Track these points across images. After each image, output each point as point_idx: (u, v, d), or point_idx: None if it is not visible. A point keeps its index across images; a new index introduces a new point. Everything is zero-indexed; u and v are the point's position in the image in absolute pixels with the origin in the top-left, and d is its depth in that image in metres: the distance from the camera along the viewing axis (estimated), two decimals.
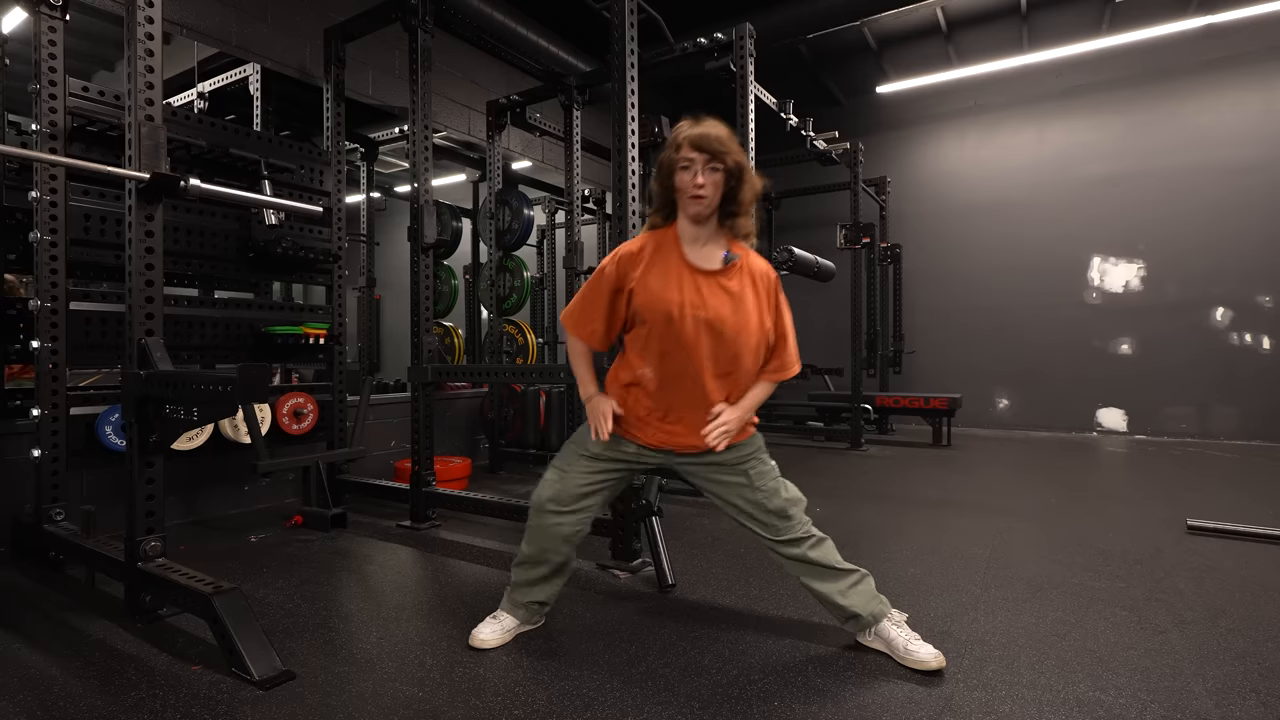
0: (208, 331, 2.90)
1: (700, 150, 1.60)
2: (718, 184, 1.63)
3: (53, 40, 2.37)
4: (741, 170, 1.64)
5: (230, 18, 3.41)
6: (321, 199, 3.30)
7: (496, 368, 3.79)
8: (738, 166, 1.63)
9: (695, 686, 1.57)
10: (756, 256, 1.76)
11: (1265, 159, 5.63)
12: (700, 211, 1.64)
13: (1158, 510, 3.27)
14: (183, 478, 3.12)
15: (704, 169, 1.61)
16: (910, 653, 1.65)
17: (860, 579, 1.75)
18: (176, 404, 1.86)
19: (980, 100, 6.80)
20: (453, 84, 4.66)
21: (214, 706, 1.49)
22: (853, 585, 1.74)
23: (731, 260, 1.69)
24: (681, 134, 1.63)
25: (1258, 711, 1.45)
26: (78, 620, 1.97)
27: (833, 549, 1.77)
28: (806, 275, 4.31)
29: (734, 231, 1.71)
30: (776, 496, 1.74)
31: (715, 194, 1.64)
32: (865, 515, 3.25)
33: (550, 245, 6.09)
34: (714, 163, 1.61)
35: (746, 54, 3.43)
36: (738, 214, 1.68)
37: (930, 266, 7.01)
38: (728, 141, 1.62)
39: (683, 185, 1.63)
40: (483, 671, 1.65)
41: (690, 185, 1.62)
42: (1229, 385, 5.76)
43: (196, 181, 1.91)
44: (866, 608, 1.72)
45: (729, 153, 1.61)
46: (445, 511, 3.14)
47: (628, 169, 2.49)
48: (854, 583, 1.74)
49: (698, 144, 1.60)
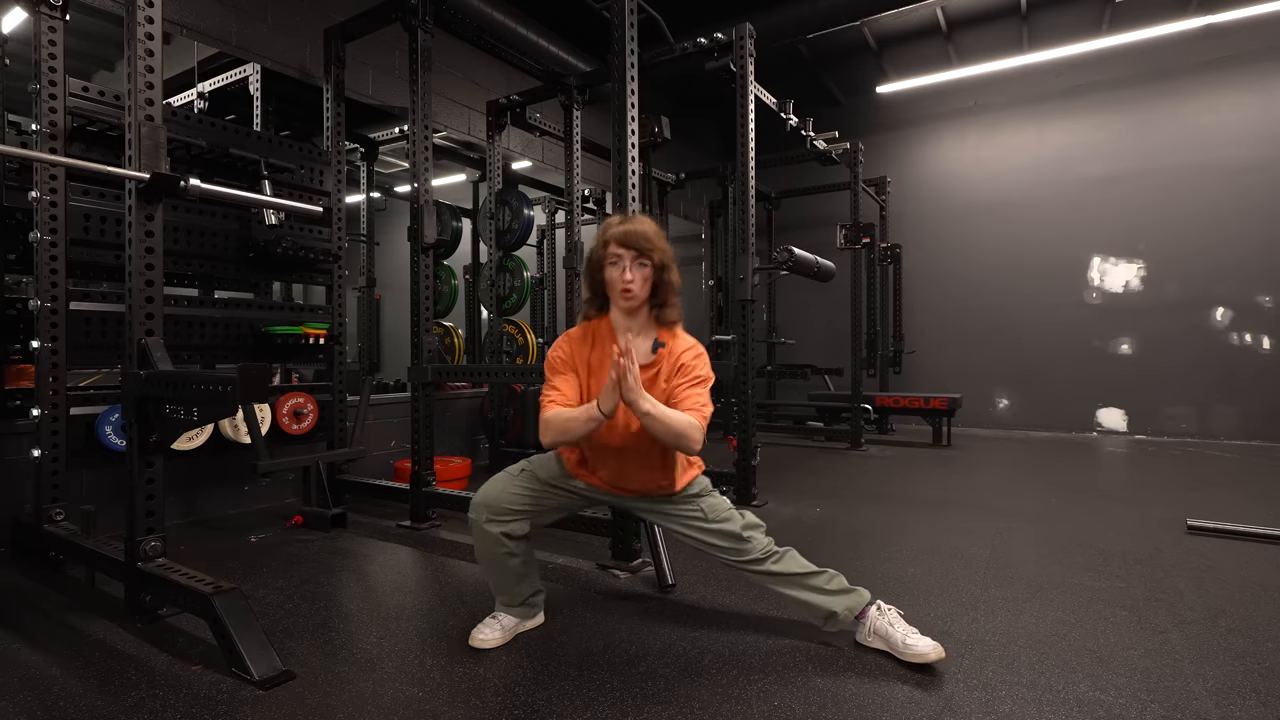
0: (208, 331, 2.90)
1: (627, 247, 1.71)
2: (646, 278, 1.74)
3: (53, 40, 2.37)
4: (666, 266, 1.75)
5: (230, 18, 3.41)
6: (321, 199, 3.30)
7: (496, 368, 3.79)
8: (663, 262, 1.75)
9: (695, 686, 1.57)
10: (682, 339, 1.83)
11: (1265, 159, 5.63)
12: (630, 305, 1.76)
13: (1158, 510, 3.27)
14: (183, 478, 3.12)
15: (632, 264, 1.72)
16: (909, 646, 1.66)
17: (830, 578, 1.80)
18: (176, 404, 1.85)
19: (980, 100, 6.80)
20: (453, 84, 4.66)
21: (214, 706, 1.49)
22: (822, 585, 1.78)
23: (659, 348, 1.79)
24: (610, 231, 1.75)
25: (1258, 711, 1.45)
26: (78, 620, 1.97)
27: (796, 558, 1.82)
28: (806, 275, 4.32)
29: (661, 320, 1.81)
30: (731, 524, 1.81)
31: (644, 288, 1.74)
32: (865, 515, 3.25)
33: (550, 245, 6.09)
34: (641, 259, 1.72)
35: (746, 54, 3.43)
36: (665, 304, 1.79)
37: (930, 266, 7.01)
38: (654, 238, 1.74)
39: (612, 280, 1.74)
40: (483, 671, 1.65)
41: (619, 280, 1.72)
42: (1229, 385, 5.76)
43: (196, 181, 1.91)
44: (840, 604, 1.76)
45: (655, 249, 1.73)
46: (445, 511, 3.14)
47: (628, 169, 2.49)
48: (823, 583, 1.78)
49: (624, 241, 1.71)
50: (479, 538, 1.83)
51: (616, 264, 1.72)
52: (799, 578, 1.78)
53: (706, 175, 6.60)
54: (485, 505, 1.80)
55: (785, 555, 1.81)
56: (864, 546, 2.72)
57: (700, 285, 7.22)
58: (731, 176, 6.07)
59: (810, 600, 1.77)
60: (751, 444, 3.44)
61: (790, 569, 1.79)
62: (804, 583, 1.78)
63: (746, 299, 3.46)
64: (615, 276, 1.73)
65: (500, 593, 1.86)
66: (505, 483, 1.84)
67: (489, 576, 1.88)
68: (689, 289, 7.43)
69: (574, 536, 2.68)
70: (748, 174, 3.46)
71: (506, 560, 1.83)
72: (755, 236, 3.51)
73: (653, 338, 1.80)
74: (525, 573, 1.87)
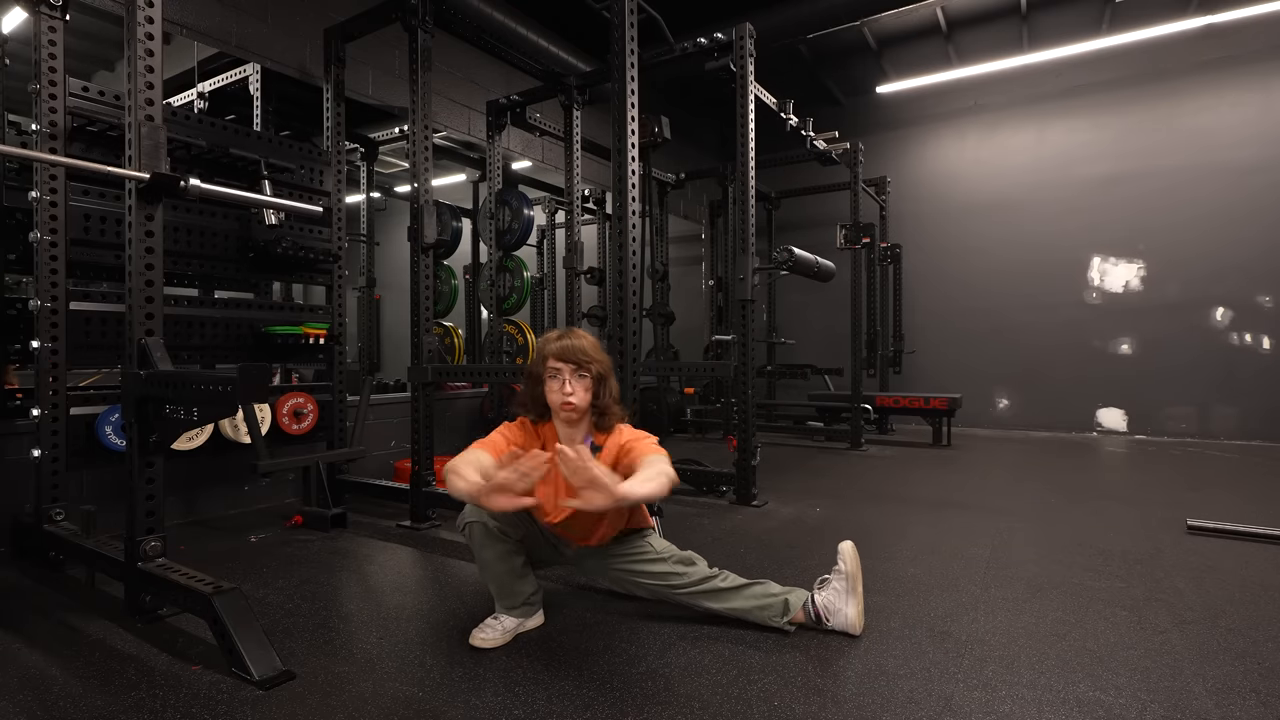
0: (208, 331, 2.90)
1: (566, 361, 1.78)
2: (586, 388, 1.81)
3: (53, 40, 2.37)
4: (604, 377, 1.83)
5: (230, 18, 3.41)
6: (321, 199, 3.30)
7: (496, 368, 3.79)
8: (601, 374, 1.82)
9: (695, 686, 1.57)
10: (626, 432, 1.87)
11: (1265, 159, 5.63)
12: (571, 416, 1.81)
13: (1158, 510, 3.27)
14: (183, 478, 3.12)
15: (571, 377, 1.79)
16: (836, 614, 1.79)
17: (758, 584, 1.89)
18: (176, 404, 1.85)
19: (980, 100, 6.80)
20: (453, 84, 4.66)
21: (214, 706, 1.49)
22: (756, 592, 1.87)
23: (597, 450, 1.83)
24: (549, 346, 1.82)
25: (1258, 711, 1.45)
26: (78, 620, 1.97)
27: (731, 577, 1.90)
28: (806, 275, 4.32)
29: (601, 427, 1.86)
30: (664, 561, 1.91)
31: (584, 398, 1.81)
32: (865, 515, 3.25)
33: (550, 245, 6.10)
34: (580, 371, 1.79)
35: (746, 54, 3.43)
36: (605, 412, 1.84)
37: (930, 266, 7.01)
38: (591, 351, 1.81)
39: (551, 393, 1.81)
40: (483, 671, 1.65)
41: (559, 394, 1.79)
42: (1229, 385, 5.76)
43: (196, 181, 1.91)
44: (779, 599, 1.84)
45: (593, 361, 1.80)
46: (445, 511, 3.13)
47: (628, 169, 2.49)
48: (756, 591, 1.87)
49: (563, 356, 1.79)
50: (479, 538, 1.83)
51: (556, 377, 1.79)
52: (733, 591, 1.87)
53: (706, 175, 6.60)
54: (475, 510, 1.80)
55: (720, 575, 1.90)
56: (864, 546, 2.70)
57: (700, 285, 7.22)
58: (731, 176, 6.07)
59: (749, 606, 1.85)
60: (751, 444, 3.44)
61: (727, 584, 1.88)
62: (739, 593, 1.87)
63: (746, 299, 3.46)
64: (555, 389, 1.79)
65: (501, 596, 1.86)
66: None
67: (490, 580, 1.87)
68: (689, 289, 7.47)
69: None
70: (748, 174, 3.47)
71: (509, 558, 1.84)
72: (755, 236, 3.51)
73: (589, 440, 1.84)
74: (525, 571, 1.88)
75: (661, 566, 1.90)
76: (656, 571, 1.90)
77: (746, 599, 1.86)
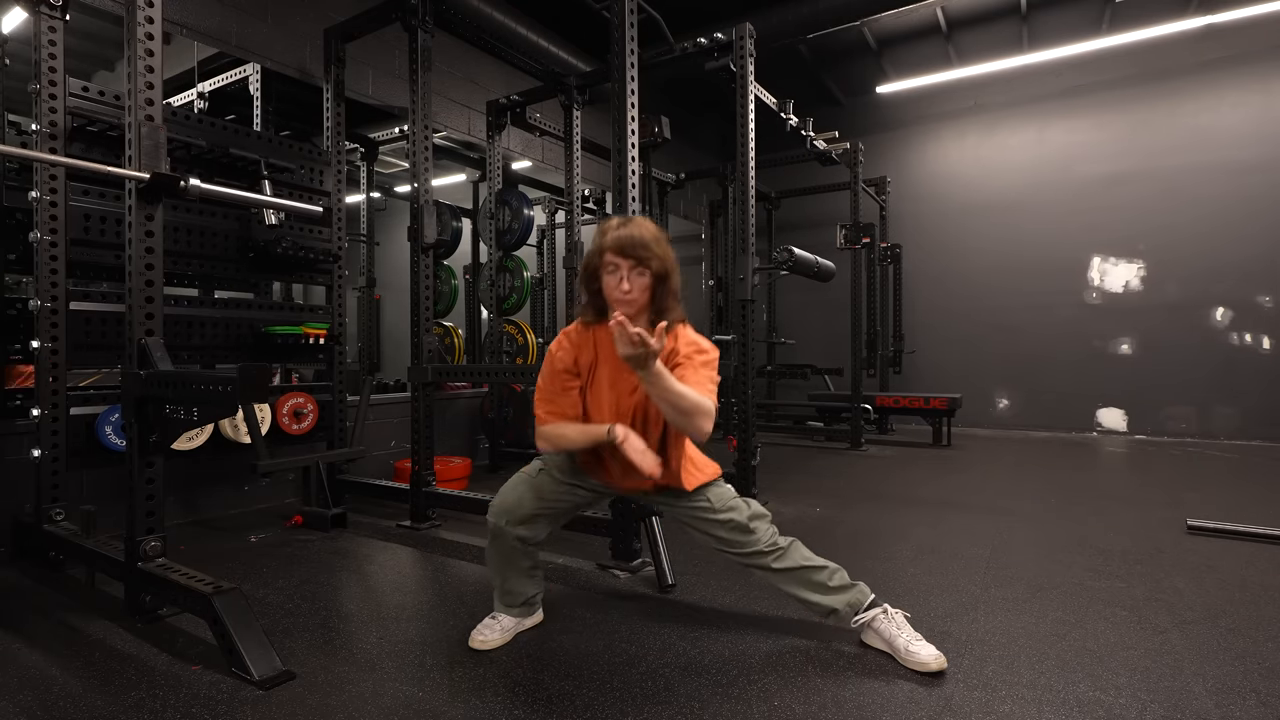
0: (208, 331, 2.90)
1: (624, 256, 1.62)
2: (645, 286, 1.66)
3: (53, 40, 2.37)
4: (666, 273, 1.66)
5: (230, 18, 3.41)
6: (321, 199, 3.30)
7: (496, 368, 3.79)
8: (662, 270, 1.66)
9: (695, 686, 1.57)
10: (684, 335, 1.74)
11: (1265, 159, 5.63)
12: (628, 313, 1.63)
13: (1158, 510, 3.27)
14: (183, 478, 3.12)
15: (629, 273, 1.64)
16: (911, 653, 1.65)
17: (831, 574, 1.78)
18: (176, 404, 1.86)
19: (980, 100, 6.80)
20: (453, 84, 4.66)
21: (214, 706, 1.49)
22: (824, 581, 1.77)
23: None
24: (606, 237, 1.65)
25: (1258, 711, 1.45)
26: (78, 620, 1.97)
27: (799, 551, 1.79)
28: (806, 275, 4.32)
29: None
30: (737, 514, 1.78)
31: (643, 296, 1.66)
32: (865, 515, 3.25)
33: (550, 245, 6.09)
34: (639, 267, 1.63)
35: (746, 54, 3.43)
36: (664, 309, 1.69)
37: (930, 266, 7.01)
38: (652, 245, 1.64)
39: (608, 289, 1.67)
40: (483, 671, 1.65)
41: (616, 290, 1.65)
42: (1229, 385, 5.76)
43: (196, 181, 1.91)
44: (840, 600, 1.75)
45: (653, 256, 1.63)
46: (445, 511, 3.14)
47: (628, 169, 2.49)
48: (825, 579, 1.77)
49: (621, 249, 1.62)
50: (497, 541, 1.82)
51: (614, 273, 1.65)
52: (802, 573, 1.76)
53: (706, 175, 6.60)
54: (505, 510, 1.80)
55: (788, 550, 1.78)
56: (864, 546, 2.72)
57: (700, 285, 7.22)
58: (731, 176, 6.07)
59: (810, 598, 1.76)
60: (751, 444, 3.44)
61: (794, 563, 1.76)
62: (806, 579, 1.77)
63: (746, 299, 3.46)
64: (612, 285, 1.66)
65: (505, 593, 1.86)
66: (524, 486, 1.82)
67: (497, 577, 1.86)
68: (690, 289, 7.46)
69: (574, 536, 2.67)
70: (748, 174, 3.46)
71: (519, 562, 1.84)
72: (755, 236, 3.51)
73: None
74: (534, 575, 1.88)
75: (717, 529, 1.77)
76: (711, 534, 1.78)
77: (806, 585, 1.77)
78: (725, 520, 1.76)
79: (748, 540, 1.76)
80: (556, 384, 1.77)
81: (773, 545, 1.77)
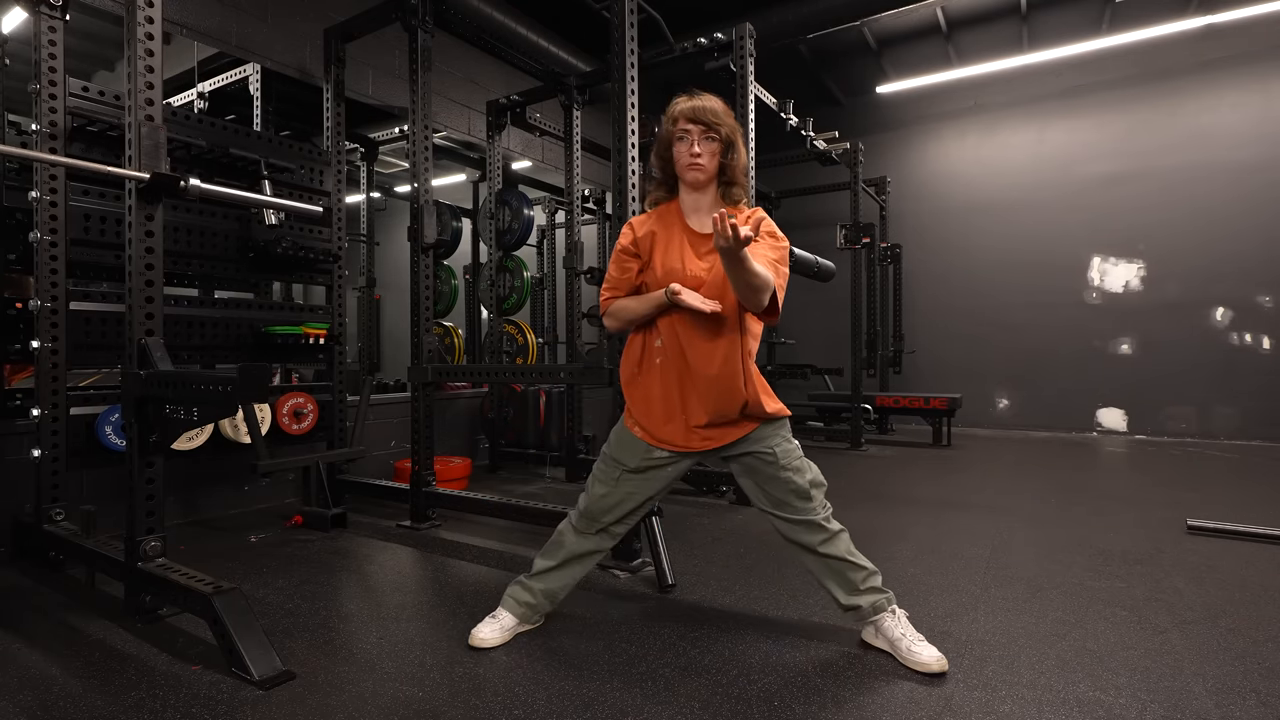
0: (208, 331, 2.90)
1: (695, 122, 1.70)
2: (714, 153, 1.72)
3: (53, 40, 2.37)
4: (734, 143, 1.73)
5: (230, 18, 3.41)
6: (321, 199, 3.30)
7: (496, 368, 3.79)
8: (730, 138, 1.72)
9: (695, 686, 1.57)
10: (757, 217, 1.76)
11: (1265, 159, 5.63)
12: (698, 178, 1.72)
13: (1158, 510, 3.27)
14: (183, 478, 3.12)
15: (700, 139, 1.70)
16: (913, 654, 1.65)
17: (867, 576, 1.76)
18: (176, 404, 1.85)
19: (980, 100, 6.80)
20: (453, 84, 4.66)
21: (214, 706, 1.49)
22: (858, 583, 1.75)
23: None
24: (678, 108, 1.73)
25: (1258, 711, 1.45)
26: (78, 620, 1.97)
27: (845, 543, 1.78)
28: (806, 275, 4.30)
29: (729, 199, 1.78)
30: (801, 475, 1.75)
31: (712, 162, 1.72)
32: (865, 515, 3.25)
33: (550, 245, 6.09)
34: (709, 133, 1.70)
35: (746, 54, 3.43)
36: (733, 183, 1.76)
37: (930, 266, 7.01)
38: (722, 114, 1.72)
39: (679, 156, 1.72)
40: (483, 671, 1.65)
41: (687, 155, 1.70)
42: (1229, 385, 5.76)
43: (196, 181, 1.91)
44: (866, 601, 1.75)
45: (723, 124, 1.71)
46: (445, 511, 3.14)
47: (628, 169, 2.49)
48: (859, 580, 1.75)
49: (692, 116, 1.70)
50: (574, 542, 1.84)
51: (684, 139, 1.70)
52: (840, 566, 1.75)
53: None
54: (591, 517, 1.82)
55: (836, 538, 1.76)
56: (864, 546, 2.69)
57: None
58: None
59: (837, 593, 1.76)
60: None
61: (837, 553, 1.75)
62: (842, 573, 1.75)
63: None
64: (683, 151, 1.71)
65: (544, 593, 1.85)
66: (605, 489, 1.81)
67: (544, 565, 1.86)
68: None
69: None
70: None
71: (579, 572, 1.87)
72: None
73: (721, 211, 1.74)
74: (572, 585, 1.89)
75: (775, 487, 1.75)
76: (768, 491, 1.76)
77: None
78: (786, 479, 1.74)
79: (803, 507, 1.74)
80: (617, 267, 1.79)
81: (826, 521, 1.75)
